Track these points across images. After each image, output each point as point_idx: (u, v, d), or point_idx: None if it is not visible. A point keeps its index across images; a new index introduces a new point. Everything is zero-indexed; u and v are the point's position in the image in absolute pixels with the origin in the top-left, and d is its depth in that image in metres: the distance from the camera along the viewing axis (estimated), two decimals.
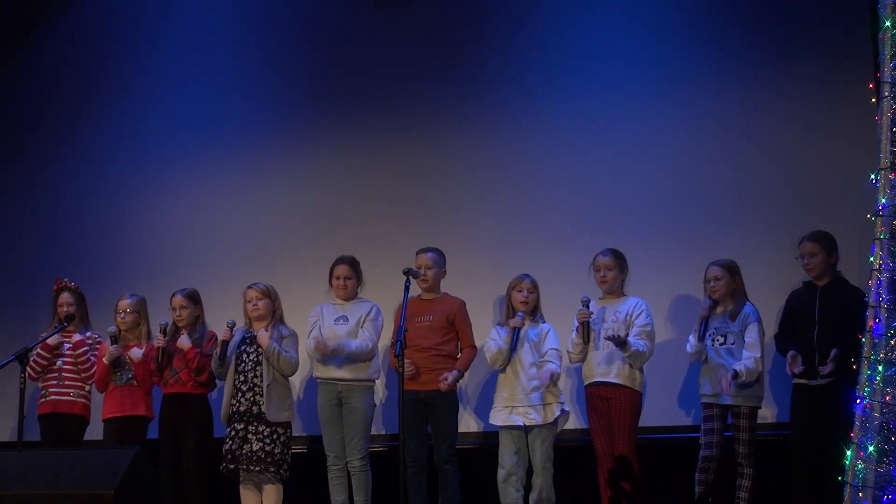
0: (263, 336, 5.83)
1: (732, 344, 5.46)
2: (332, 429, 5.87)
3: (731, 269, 5.55)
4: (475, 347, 5.85)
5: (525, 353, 5.63)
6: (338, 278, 5.99)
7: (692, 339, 5.53)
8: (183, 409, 5.98)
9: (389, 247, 6.52)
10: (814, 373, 5.26)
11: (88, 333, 6.35)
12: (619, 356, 5.49)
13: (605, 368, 5.53)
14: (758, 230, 6.11)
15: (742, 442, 5.39)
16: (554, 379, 5.56)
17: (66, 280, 6.41)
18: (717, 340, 5.49)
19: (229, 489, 5.94)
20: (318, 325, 5.97)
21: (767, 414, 5.88)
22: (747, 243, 6.08)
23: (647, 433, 5.83)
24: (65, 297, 6.33)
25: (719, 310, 5.54)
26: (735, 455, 5.40)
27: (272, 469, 5.73)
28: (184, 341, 5.99)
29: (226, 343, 5.88)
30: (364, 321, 5.91)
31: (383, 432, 6.41)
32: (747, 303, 5.53)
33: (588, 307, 5.56)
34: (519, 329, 5.60)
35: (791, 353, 5.30)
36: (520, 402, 5.56)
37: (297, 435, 6.29)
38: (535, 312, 5.74)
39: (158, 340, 6.00)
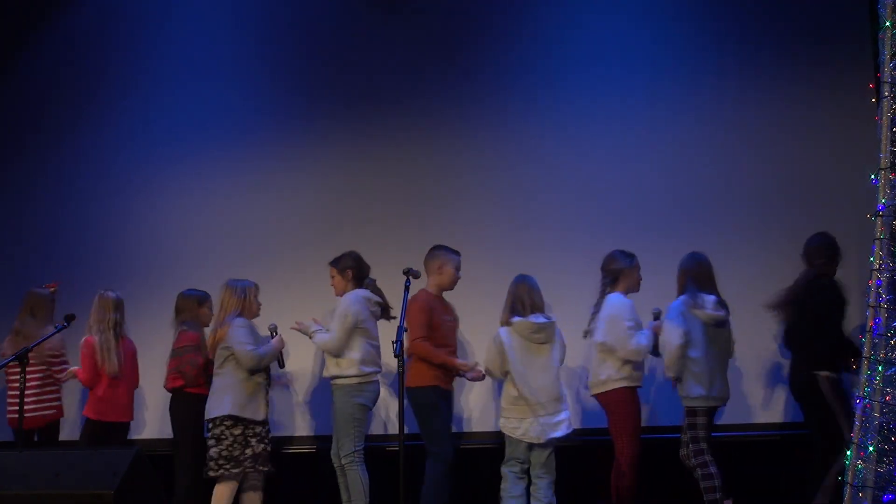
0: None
1: None
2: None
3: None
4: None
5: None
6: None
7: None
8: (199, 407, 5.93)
9: (389, 247, 6.52)
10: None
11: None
12: None
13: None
14: (757, 230, 6.11)
15: (686, 440, 5.43)
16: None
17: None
18: None
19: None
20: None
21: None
22: (747, 244, 6.09)
23: (646, 433, 5.85)
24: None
25: None
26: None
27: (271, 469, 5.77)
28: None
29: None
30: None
31: (382, 432, 6.40)
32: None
33: (658, 319, 5.61)
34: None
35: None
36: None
37: (301, 435, 6.29)
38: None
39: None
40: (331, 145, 6.91)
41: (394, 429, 6.33)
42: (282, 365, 5.87)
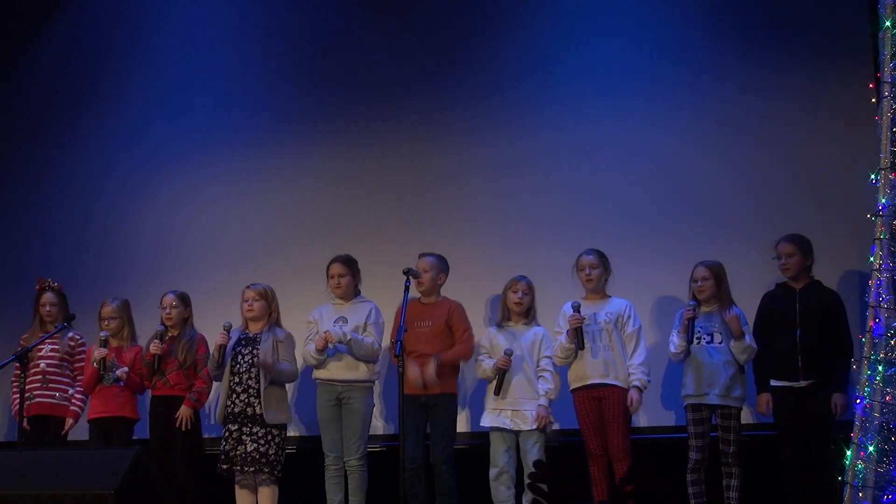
0: (266, 361, 5.79)
1: (720, 343, 5.47)
2: (331, 429, 5.85)
3: (718, 271, 5.56)
4: (468, 347, 5.79)
5: (517, 358, 5.62)
6: (332, 277, 5.98)
7: (675, 338, 5.52)
8: (170, 411, 5.95)
9: (389, 247, 6.51)
10: (797, 375, 5.27)
11: (71, 334, 6.30)
12: (616, 359, 5.52)
13: (603, 371, 5.53)
14: (756, 230, 6.10)
15: (731, 442, 5.38)
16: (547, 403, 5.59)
17: (49, 280, 6.39)
18: (704, 339, 5.49)
19: (218, 489, 5.95)
20: (314, 329, 5.95)
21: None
22: (747, 244, 6.06)
23: (635, 433, 5.83)
24: (48, 297, 6.31)
25: (704, 309, 5.52)
26: (722, 455, 5.39)
27: (266, 470, 5.73)
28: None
29: (223, 347, 5.85)
30: (367, 326, 5.89)
31: (382, 432, 6.40)
32: (734, 305, 5.53)
33: (578, 312, 5.54)
34: (505, 371, 5.56)
35: (765, 395, 5.38)
36: (509, 406, 5.57)
37: (291, 435, 6.28)
38: (528, 314, 5.73)
39: (155, 347, 5.97)
40: (329, 145, 6.90)
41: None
42: (217, 364, 5.89)
